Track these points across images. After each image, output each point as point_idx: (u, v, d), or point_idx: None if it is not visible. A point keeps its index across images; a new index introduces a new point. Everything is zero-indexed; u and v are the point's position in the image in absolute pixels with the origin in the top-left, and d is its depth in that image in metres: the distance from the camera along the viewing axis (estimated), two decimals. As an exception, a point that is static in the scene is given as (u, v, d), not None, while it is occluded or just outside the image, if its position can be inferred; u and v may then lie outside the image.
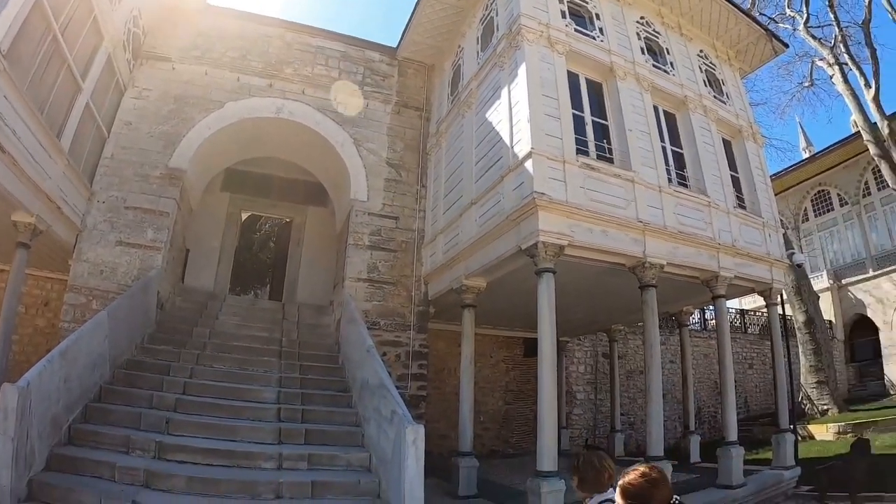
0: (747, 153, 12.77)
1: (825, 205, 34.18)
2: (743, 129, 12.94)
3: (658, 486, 2.57)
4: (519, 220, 8.59)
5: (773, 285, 12.18)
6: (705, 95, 12.29)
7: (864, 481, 9.74)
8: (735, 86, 13.79)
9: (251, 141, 13.37)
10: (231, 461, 7.31)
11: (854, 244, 32.43)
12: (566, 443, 16.71)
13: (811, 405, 22.73)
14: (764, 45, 14.52)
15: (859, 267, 31.87)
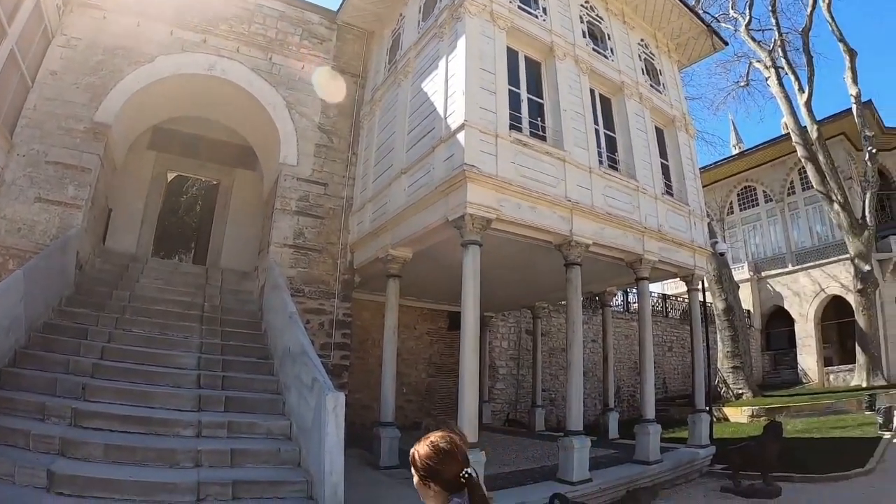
0: (679, 143, 13.03)
1: (751, 200, 35.64)
2: (676, 119, 13.18)
3: (447, 461, 2.48)
4: (448, 192, 8.47)
5: (695, 271, 12.54)
6: (642, 83, 12.42)
7: (775, 462, 10.04)
8: (672, 77, 13.99)
9: (181, 98, 12.82)
10: (149, 428, 7.05)
11: (775, 239, 34.01)
12: (488, 416, 17.00)
13: (727, 389, 23.72)
14: (704, 41, 14.75)
15: (779, 261, 33.41)
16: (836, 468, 10.87)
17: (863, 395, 20.48)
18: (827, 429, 16.08)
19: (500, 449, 12.19)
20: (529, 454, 11.57)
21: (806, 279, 31.74)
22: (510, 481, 8.82)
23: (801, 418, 18.59)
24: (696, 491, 10.46)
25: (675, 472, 10.93)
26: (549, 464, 9.78)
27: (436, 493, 2.51)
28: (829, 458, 11.80)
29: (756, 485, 9.87)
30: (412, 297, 15.61)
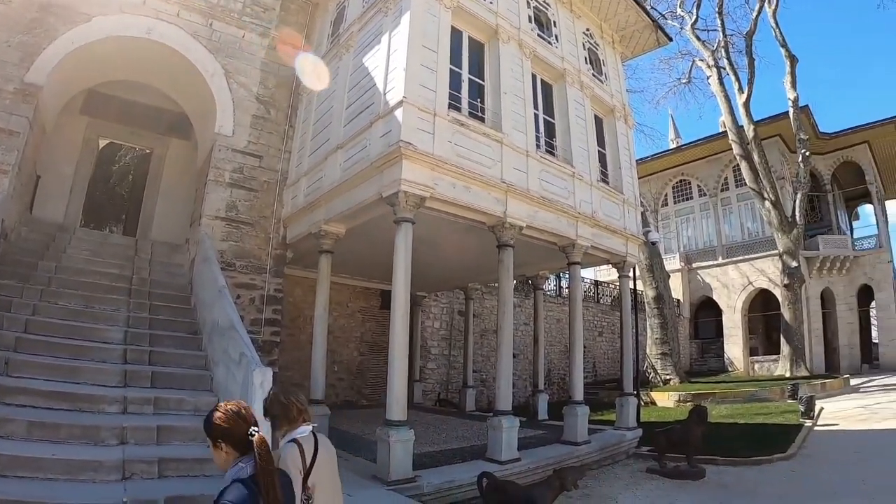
0: (617, 132, 13.22)
1: (685, 193, 36.73)
2: (616, 109, 13.37)
3: (236, 422, 2.73)
4: (383, 168, 8.37)
5: (626, 258, 12.79)
6: (584, 72, 12.54)
7: (700, 445, 10.29)
8: (615, 68, 14.16)
9: (117, 61, 12.22)
10: (74, 405, 6.74)
11: (707, 233, 35.19)
12: (419, 396, 17.09)
13: (655, 374, 24.44)
14: (649, 35, 15.00)
15: (710, 254, 34.61)
16: (758, 453, 11.24)
17: (786, 385, 21.25)
18: (751, 415, 16.66)
19: (431, 428, 12.27)
20: (459, 434, 11.65)
21: (735, 272, 33.02)
22: (439, 460, 8.88)
23: (726, 404, 19.31)
24: (622, 472, 10.66)
25: (603, 454, 11.14)
26: (479, 443, 9.87)
27: (227, 454, 2.68)
28: (753, 443, 12.23)
29: (681, 466, 10.14)
30: (345, 275, 15.52)
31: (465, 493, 7.72)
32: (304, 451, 3.23)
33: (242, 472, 2.56)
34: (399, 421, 7.62)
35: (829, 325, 34.53)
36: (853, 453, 11.47)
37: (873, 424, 14.77)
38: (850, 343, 34.28)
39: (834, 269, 33.90)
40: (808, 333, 30.93)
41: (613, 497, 8.75)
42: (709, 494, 8.88)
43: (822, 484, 9.27)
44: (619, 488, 9.33)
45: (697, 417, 10.24)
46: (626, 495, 8.88)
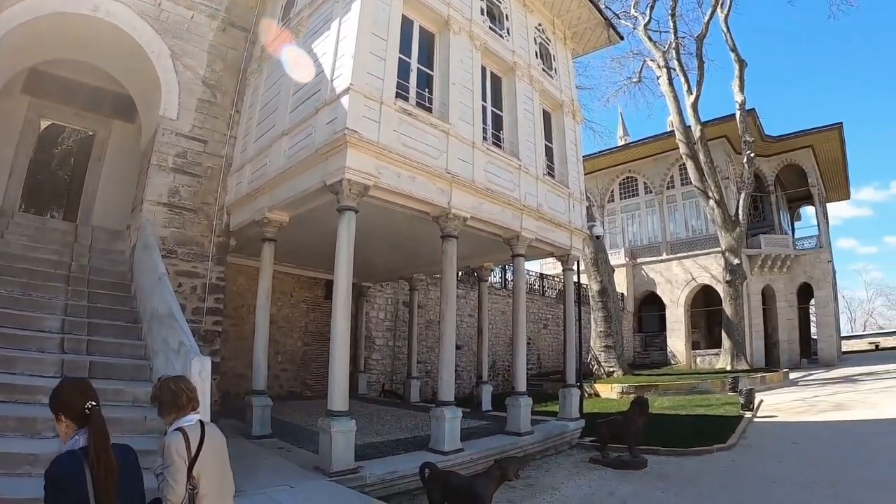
0: (564, 127, 13.37)
1: (632, 190, 37.46)
2: (565, 104, 13.50)
3: (72, 395, 2.88)
4: (328, 155, 8.27)
5: (570, 252, 12.96)
6: (534, 66, 12.62)
7: (642, 436, 10.51)
8: (565, 63, 14.30)
9: (62, 39, 11.75)
10: (9, 395, 6.50)
11: (652, 229, 36.00)
12: (364, 387, 17.08)
13: (599, 367, 24.86)
14: (601, 33, 15.16)
15: (654, 250, 35.40)
16: (700, 443, 11.53)
17: (727, 378, 21.85)
18: (692, 407, 17.10)
19: (375, 419, 12.26)
20: (403, 424, 11.66)
21: (679, 268, 33.83)
22: (383, 451, 8.86)
23: (668, 396, 19.78)
24: (565, 462, 10.78)
25: (546, 444, 11.25)
26: (423, 434, 9.87)
27: (67, 427, 2.82)
28: (694, 433, 12.51)
29: (623, 457, 10.32)
30: (290, 264, 15.39)
31: (408, 484, 7.74)
32: (190, 440, 3.28)
33: (76, 444, 2.71)
34: (341, 411, 7.57)
35: (769, 321, 35.66)
36: (791, 444, 11.86)
37: (811, 416, 15.31)
38: (789, 338, 35.50)
39: (775, 268, 35.00)
40: (749, 328, 31.92)
41: (556, 487, 8.84)
42: (650, 484, 9.04)
43: (761, 473, 9.55)
44: (562, 478, 9.44)
45: (639, 408, 10.42)
46: (569, 485, 8.98)
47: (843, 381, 24.11)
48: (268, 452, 8.58)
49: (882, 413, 14.74)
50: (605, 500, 8.15)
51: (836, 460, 10.21)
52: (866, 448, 10.97)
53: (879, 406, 15.88)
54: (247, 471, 7.16)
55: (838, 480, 8.76)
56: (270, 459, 8.13)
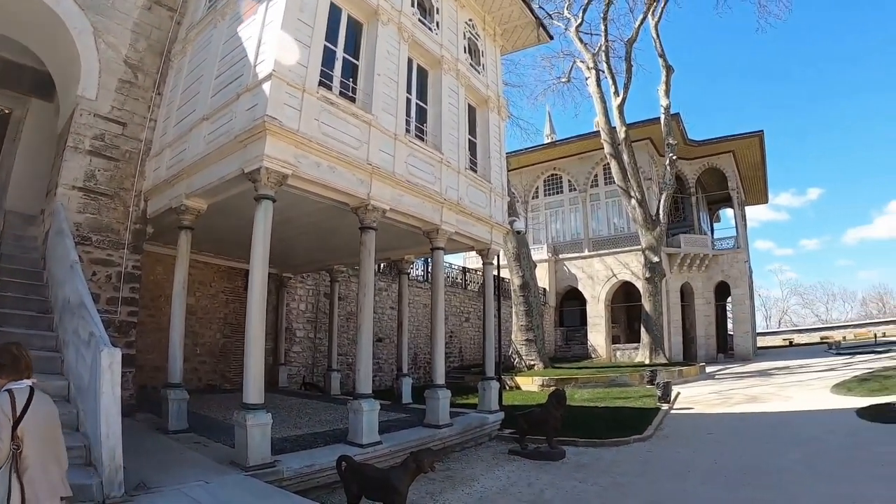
0: (489, 123, 13.51)
1: (556, 187, 38.25)
2: (490, 100, 13.64)
3: None
4: (247, 143, 8.10)
5: (491, 246, 13.10)
6: (462, 61, 12.68)
7: (559, 427, 10.62)
8: (493, 60, 14.42)
9: None
10: None
11: (575, 226, 36.87)
12: (284, 380, 16.86)
13: (520, 360, 25.24)
14: (531, 32, 15.37)
15: (577, 246, 36.25)
16: (617, 434, 11.77)
17: (645, 371, 22.67)
18: (611, 399, 17.50)
19: (295, 412, 12.12)
20: (323, 417, 11.54)
21: (600, 264, 34.73)
22: (301, 444, 8.76)
23: (588, 389, 20.27)
24: (485, 453, 10.85)
25: (465, 436, 11.32)
26: (342, 427, 9.77)
27: None
28: (612, 425, 12.78)
29: (542, 448, 10.45)
30: (209, 253, 15.08)
31: (327, 478, 7.67)
32: (16, 401, 3.47)
33: None
34: (256, 404, 7.44)
35: (687, 317, 37.01)
36: (706, 434, 12.29)
37: (726, 408, 15.92)
38: (706, 334, 36.94)
39: (694, 266, 36.28)
40: (668, 324, 33.06)
41: (475, 478, 8.89)
42: (568, 474, 9.19)
43: (677, 463, 9.83)
44: (481, 469, 9.51)
45: (556, 401, 10.53)
46: (488, 476, 9.05)
47: (758, 374, 25.24)
48: (183, 447, 8.36)
49: (795, 405, 15.44)
50: (524, 490, 8.25)
51: (749, 450, 10.59)
52: (779, 438, 11.43)
53: (793, 399, 16.63)
54: (161, 466, 6.99)
55: (751, 468, 9.11)
56: (186, 454, 7.93)
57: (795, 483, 8.19)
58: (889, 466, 8.50)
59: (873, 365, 23.90)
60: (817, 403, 15.42)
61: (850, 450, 9.86)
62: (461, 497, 7.90)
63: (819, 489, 7.75)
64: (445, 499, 7.79)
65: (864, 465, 8.81)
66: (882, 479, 7.94)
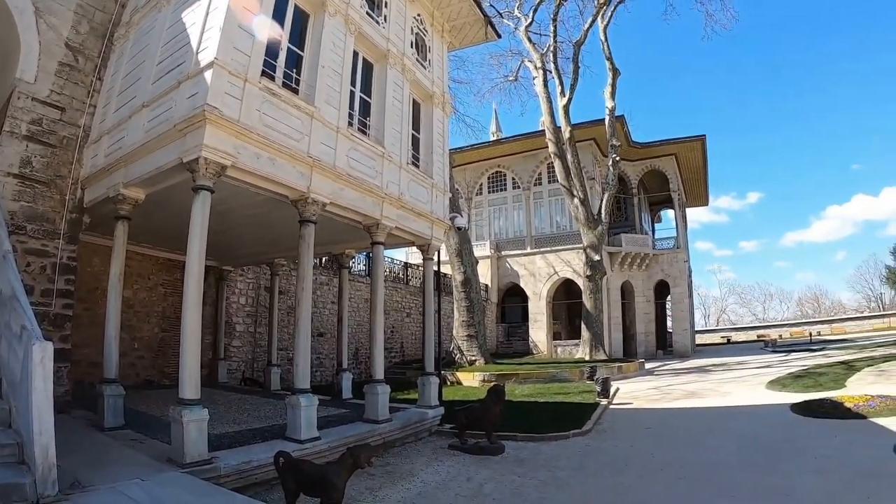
0: (433, 118, 13.56)
1: (500, 184, 38.68)
2: (435, 96, 13.68)
3: None
4: (186, 132, 7.93)
5: (431, 242, 13.17)
6: (408, 56, 12.70)
7: (498, 422, 10.73)
8: (440, 56, 14.48)
9: None
10: None
11: (518, 223, 37.34)
12: (224, 375, 16.55)
13: (461, 355, 25.47)
14: (479, 29, 15.51)
15: (519, 243, 36.75)
16: (556, 429, 11.87)
17: (585, 367, 23.14)
18: (551, 394, 17.75)
19: (234, 408, 11.94)
20: (262, 413, 11.39)
21: (542, 262, 35.27)
22: (239, 440, 8.61)
23: (528, 384, 20.52)
24: (425, 449, 10.88)
25: (405, 431, 11.31)
26: (281, 423, 9.60)
27: None
28: (552, 420, 12.92)
29: (481, 443, 10.49)
30: (147, 245, 14.73)
31: (265, 474, 7.59)
32: None
33: None
34: (193, 399, 7.32)
35: (628, 315, 37.93)
36: (644, 429, 12.56)
37: (664, 404, 16.34)
38: (646, 331, 37.94)
39: (635, 265, 37.16)
40: (608, 321, 33.79)
41: (415, 473, 8.92)
42: (507, 468, 9.27)
43: (615, 457, 10.02)
44: (421, 464, 9.53)
45: (495, 396, 10.63)
46: (428, 471, 9.08)
47: (696, 371, 26.01)
48: (120, 444, 8.19)
49: (732, 401, 15.95)
50: (463, 485, 8.28)
51: (686, 443, 10.90)
52: (715, 432, 11.77)
53: (730, 395, 17.17)
54: (96, 464, 6.85)
55: (688, 462, 9.36)
56: (122, 452, 7.78)
57: (728, 475, 8.45)
58: (820, 459, 8.85)
59: (807, 363, 24.81)
60: (753, 399, 15.91)
61: (784, 443, 10.22)
62: (401, 492, 7.91)
63: (752, 481, 8.01)
64: (385, 494, 7.79)
65: (797, 458, 9.16)
66: (813, 471, 8.26)
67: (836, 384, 16.87)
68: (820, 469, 8.35)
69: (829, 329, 65.65)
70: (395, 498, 7.64)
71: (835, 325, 67.55)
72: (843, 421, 11.62)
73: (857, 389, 15.12)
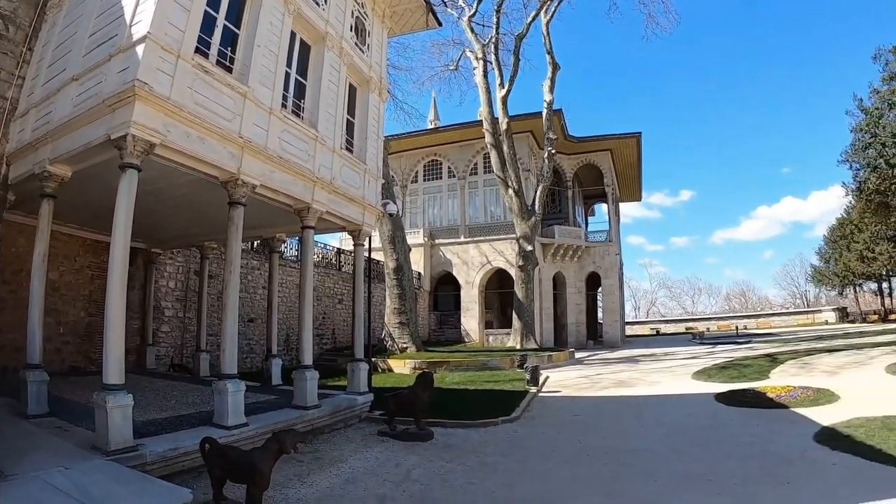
0: (369, 103, 13.52)
1: (436, 173, 38.79)
2: (372, 81, 13.62)
3: None
4: (115, 107, 7.65)
5: (363, 227, 13.16)
6: (347, 39, 12.58)
7: (426, 409, 10.84)
8: (379, 40, 14.41)
9: None
10: None
11: (452, 212, 37.58)
12: (153, 361, 16.13)
13: (393, 343, 25.56)
14: (420, 16, 15.52)
15: (453, 232, 36.97)
16: (485, 416, 12.06)
17: (516, 355, 23.58)
18: (482, 382, 17.97)
19: (161, 395, 11.69)
20: (190, 400, 11.21)
21: (475, 251, 35.59)
22: (165, 427, 8.45)
23: (459, 372, 20.73)
24: (354, 435, 10.88)
25: (335, 417, 11.29)
26: (209, 409, 9.44)
27: None
28: (481, 407, 13.12)
29: (410, 429, 10.58)
30: (74, 225, 14.13)
31: (192, 461, 7.47)
32: None
33: None
34: (117, 385, 7.10)
35: (559, 305, 38.75)
36: (572, 416, 12.84)
37: (593, 392, 16.76)
38: (577, 321, 38.84)
39: (567, 256, 37.94)
40: (540, 311, 34.44)
41: (344, 459, 8.93)
42: (435, 454, 9.36)
43: (543, 443, 10.23)
44: (349, 451, 9.53)
45: (424, 383, 10.75)
46: (357, 457, 9.10)
47: (625, 361, 26.70)
48: (44, 432, 7.94)
49: (659, 390, 16.46)
50: (391, 471, 8.34)
51: (613, 431, 11.22)
52: (642, 420, 12.17)
53: (658, 384, 17.69)
54: (19, 452, 6.65)
55: (614, 448, 9.65)
56: (46, 440, 7.54)
57: (655, 461, 8.75)
58: (742, 447, 9.27)
59: (733, 355, 25.71)
60: (680, 389, 16.47)
61: (708, 431, 10.67)
62: (329, 478, 7.93)
63: (676, 467, 8.34)
64: (313, 480, 7.79)
65: (720, 445, 9.57)
66: (735, 457, 8.66)
67: (760, 375, 17.61)
68: (742, 455, 8.75)
69: (755, 323, 68.67)
70: (324, 484, 7.65)
71: (761, 320, 70.86)
72: (766, 410, 12.16)
73: (780, 381, 15.85)
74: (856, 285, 69.95)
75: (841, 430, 9.59)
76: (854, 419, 10.23)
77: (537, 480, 8.04)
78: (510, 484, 7.85)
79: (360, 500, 7.02)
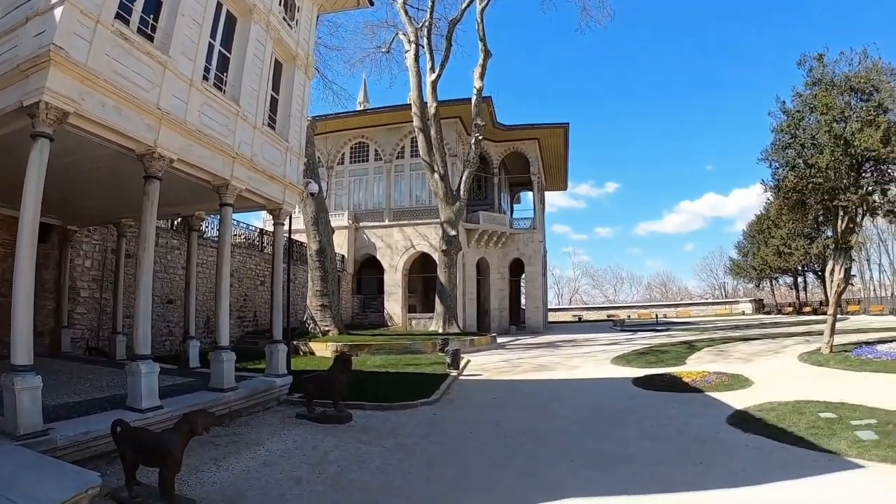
0: (295, 80, 13.30)
1: (362, 155, 38.63)
2: (299, 57, 13.39)
3: None
4: (29, 73, 7.23)
5: (283, 206, 12.99)
6: (275, 13, 12.29)
7: (344, 391, 10.89)
8: (308, 17, 14.19)
9: None
10: None
11: (378, 195, 37.51)
12: (68, 344, 15.48)
13: (315, 325, 25.51)
14: (351, -6, 15.35)
15: (378, 215, 36.92)
16: (405, 399, 12.21)
17: (437, 339, 23.80)
18: (403, 365, 18.18)
19: (75, 378, 11.28)
20: (104, 383, 10.87)
21: (400, 235, 35.66)
22: (77, 411, 8.18)
23: (381, 355, 20.99)
24: (273, 417, 10.85)
25: (252, 400, 11.18)
26: (123, 393, 9.07)
27: None
28: (401, 390, 13.26)
29: (328, 411, 10.57)
30: (-15, 200, 13.21)
31: (106, 446, 7.18)
32: None
33: None
34: (25, 365, 6.78)
35: (482, 290, 39.32)
36: (491, 399, 13.16)
37: (513, 376, 17.15)
38: (500, 307, 39.51)
39: (491, 243, 38.49)
40: (463, 296, 34.86)
41: (261, 442, 8.88)
42: (353, 436, 9.40)
43: (461, 425, 10.41)
44: (267, 433, 9.50)
45: (342, 365, 10.82)
46: (274, 440, 9.07)
47: (546, 346, 27.45)
48: None
49: (579, 374, 16.95)
50: (308, 453, 8.35)
51: (531, 413, 11.52)
52: (560, 403, 12.48)
53: (577, 368, 18.23)
54: None
55: (532, 429, 9.91)
56: None
57: (570, 441, 9.07)
58: (658, 428, 9.69)
59: (652, 341, 26.87)
60: (599, 373, 17.01)
61: (625, 413, 11.06)
62: (245, 461, 7.88)
63: (593, 447, 8.66)
64: (229, 464, 7.73)
65: (634, 426, 10.00)
66: (650, 438, 9.07)
67: (677, 361, 18.48)
68: (657, 436, 9.17)
69: (675, 312, 71.72)
70: (240, 467, 7.61)
71: (681, 309, 74.04)
72: (682, 394, 12.70)
73: (696, 366, 16.64)
74: (772, 279, 73.83)
75: (753, 414, 10.08)
76: (766, 403, 10.79)
77: (455, 461, 8.17)
78: (427, 464, 7.98)
79: (275, 483, 7.01)
